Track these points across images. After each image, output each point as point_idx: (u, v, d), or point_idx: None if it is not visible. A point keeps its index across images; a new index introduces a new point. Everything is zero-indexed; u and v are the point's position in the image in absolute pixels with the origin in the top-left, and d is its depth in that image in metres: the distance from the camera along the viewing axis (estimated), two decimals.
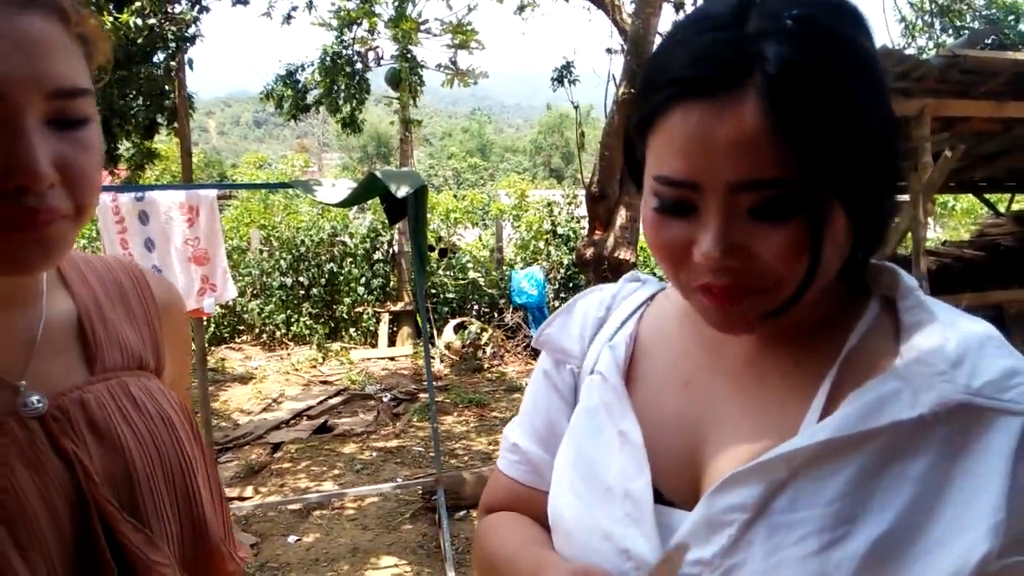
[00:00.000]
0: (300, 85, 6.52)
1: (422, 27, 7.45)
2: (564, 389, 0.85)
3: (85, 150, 0.64)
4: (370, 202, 7.42)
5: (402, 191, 3.21)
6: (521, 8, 7.11)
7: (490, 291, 9.77)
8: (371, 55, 7.26)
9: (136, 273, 0.87)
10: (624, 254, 4.98)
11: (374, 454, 5.97)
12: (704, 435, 0.71)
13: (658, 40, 4.83)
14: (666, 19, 5.51)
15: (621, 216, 4.98)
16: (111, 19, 3.67)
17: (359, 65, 6.88)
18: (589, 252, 5.05)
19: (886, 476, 0.60)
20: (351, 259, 9.81)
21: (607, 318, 0.85)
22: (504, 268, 10.17)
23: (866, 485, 0.60)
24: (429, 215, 4.87)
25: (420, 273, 3.67)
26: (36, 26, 0.60)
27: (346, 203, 3.45)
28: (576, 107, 4.89)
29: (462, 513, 4.63)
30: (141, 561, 0.72)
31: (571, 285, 9.58)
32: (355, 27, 6.70)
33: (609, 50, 4.90)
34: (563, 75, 5.02)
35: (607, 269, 5.03)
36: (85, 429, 0.72)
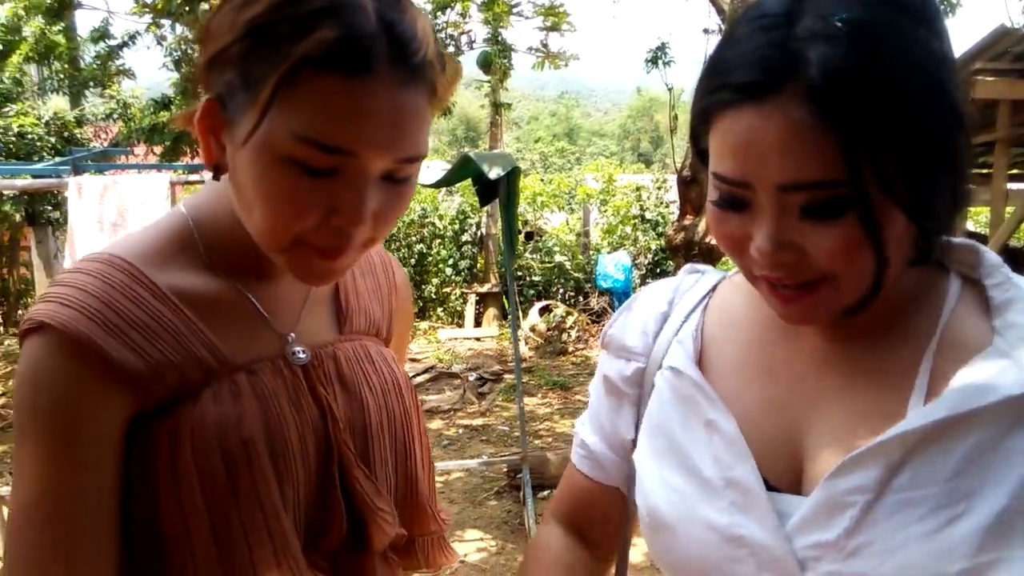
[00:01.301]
0: None
1: (514, 10, 7.45)
2: (628, 387, 0.86)
3: (400, 201, 0.70)
4: (459, 184, 7.51)
5: (495, 172, 3.25)
6: None
7: (576, 275, 9.75)
8: (463, 39, 7.32)
9: (383, 254, 0.97)
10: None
11: (460, 431, 6.08)
12: (798, 420, 0.71)
13: None
14: None
15: None
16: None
17: (452, 49, 6.95)
18: (679, 237, 4.97)
19: (1001, 451, 0.59)
20: (439, 240, 9.97)
21: (670, 312, 0.85)
22: (590, 252, 10.13)
23: (982, 461, 0.60)
24: None
25: (510, 254, 3.71)
26: (410, 100, 0.65)
27: (440, 184, 3.51)
28: (670, 89, 4.80)
29: (546, 492, 4.67)
30: (367, 506, 0.79)
31: (658, 271, 9.46)
32: (448, 11, 6.77)
33: (706, 30, 4.79)
34: (657, 56, 4.93)
35: (698, 254, 4.95)
36: (335, 380, 0.81)
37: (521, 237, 9.92)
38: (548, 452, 5.00)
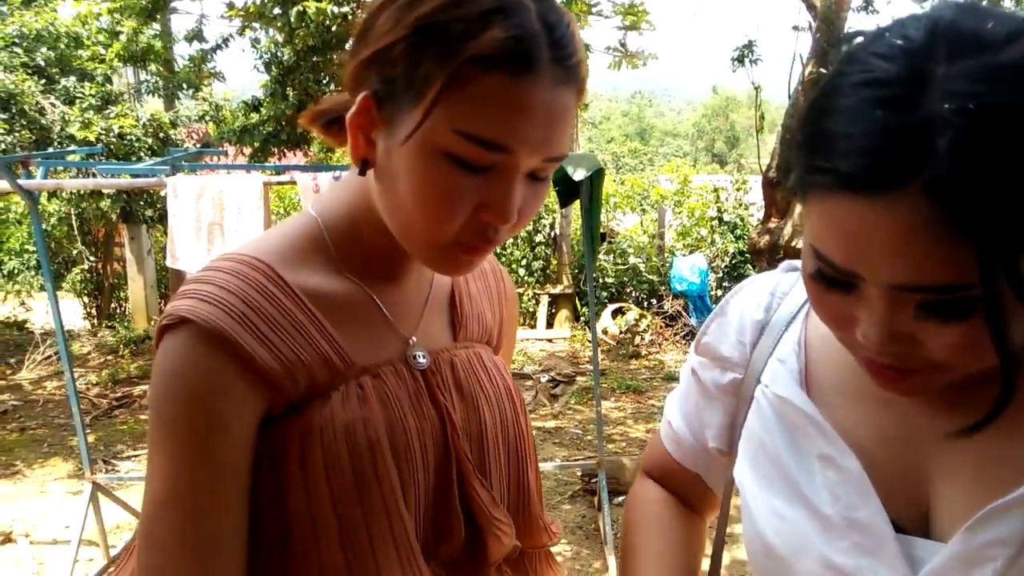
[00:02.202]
0: None
1: (593, 9, 7.38)
2: (722, 395, 0.83)
3: (537, 200, 0.72)
4: None
5: (579, 174, 3.21)
6: None
7: (650, 277, 9.61)
8: None
9: (494, 262, 0.97)
10: (802, 243, 4.73)
11: (533, 432, 6.07)
12: (924, 459, 0.66)
13: (851, 18, 4.53)
14: None
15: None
16: (314, 4, 3.90)
17: None
18: (763, 240, 4.84)
19: None
20: (513, 240, 9.99)
21: (768, 320, 0.80)
22: (665, 255, 9.97)
23: None
24: None
25: (591, 258, 3.67)
26: (565, 100, 0.67)
27: None
28: (757, 88, 4.68)
29: (621, 498, 4.61)
30: (485, 516, 0.79)
31: (736, 274, 9.23)
32: None
33: (796, 27, 4.65)
34: (744, 55, 4.81)
35: (783, 259, 4.80)
36: (452, 386, 0.81)
37: None
38: (624, 458, 4.94)
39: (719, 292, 9.47)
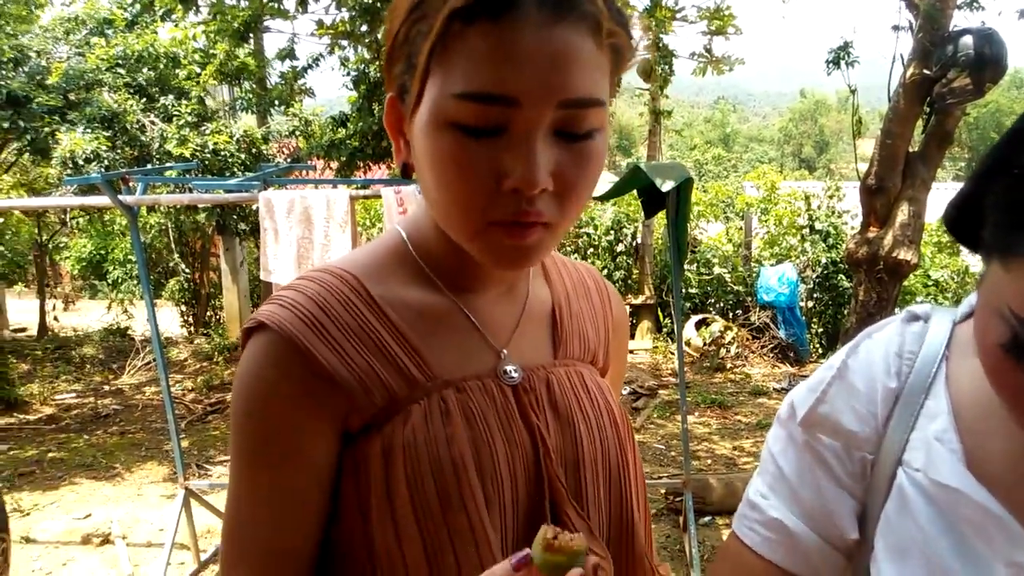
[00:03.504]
0: None
1: (678, 15, 7.24)
2: (846, 477, 0.69)
3: (583, 162, 0.64)
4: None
5: (667, 185, 3.12)
6: None
7: (736, 288, 9.33)
8: None
9: (600, 280, 0.92)
10: (904, 254, 4.48)
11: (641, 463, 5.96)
12: None
13: (956, 15, 4.26)
14: None
15: (903, 212, 4.48)
16: None
17: None
18: (862, 251, 4.60)
19: None
20: (594, 250, 9.89)
21: (902, 388, 0.68)
22: (751, 264, 9.67)
23: None
24: None
25: (678, 269, 3.55)
26: (564, 38, 0.60)
27: (608, 196, 3.42)
28: (853, 91, 4.46)
29: (707, 519, 4.46)
30: None
31: (828, 284, 8.86)
32: None
33: (896, 27, 4.41)
34: (839, 56, 4.60)
35: (883, 270, 4.56)
36: (547, 406, 0.76)
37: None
38: (710, 476, 4.78)
39: (810, 303, 9.12)
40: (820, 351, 8.97)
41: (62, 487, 5.19)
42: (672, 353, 8.99)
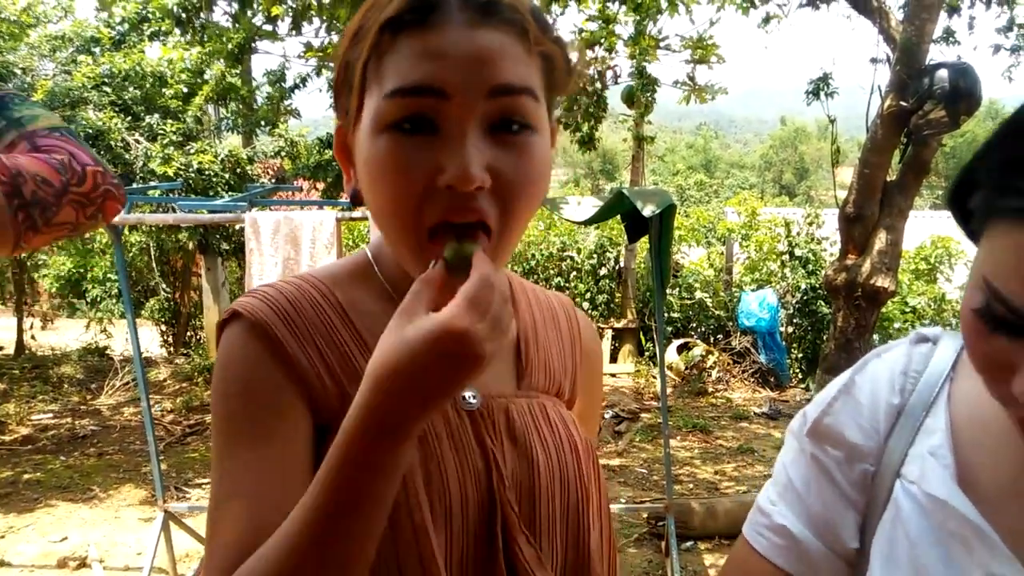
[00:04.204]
0: None
1: (661, 44, 7.36)
2: (849, 487, 0.73)
3: (521, 158, 0.64)
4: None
5: (648, 210, 3.16)
6: (766, 20, 6.79)
7: (717, 312, 9.41)
8: (609, 74, 7.31)
9: (570, 310, 0.91)
10: (882, 281, 4.55)
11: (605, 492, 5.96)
12: None
13: (932, 49, 4.38)
14: (941, 25, 4.98)
15: (880, 239, 4.56)
16: None
17: (598, 84, 6.94)
18: (840, 278, 4.67)
19: None
20: (577, 274, 9.94)
21: (904, 404, 0.71)
22: (732, 289, 9.76)
23: None
24: None
25: (661, 294, 3.59)
26: (490, 37, 0.63)
27: (592, 221, 3.47)
28: (832, 121, 4.55)
29: (689, 544, 4.46)
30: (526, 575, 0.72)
31: (808, 310, 8.96)
32: (596, 47, 6.78)
33: (874, 60, 4.52)
34: (819, 87, 4.70)
35: (861, 297, 4.63)
36: (504, 434, 0.76)
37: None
38: (692, 501, 4.79)
39: (790, 329, 9.20)
40: (800, 376, 9.05)
41: (38, 509, 5.10)
42: (654, 377, 9.03)
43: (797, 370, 9.11)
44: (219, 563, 0.63)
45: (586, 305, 9.77)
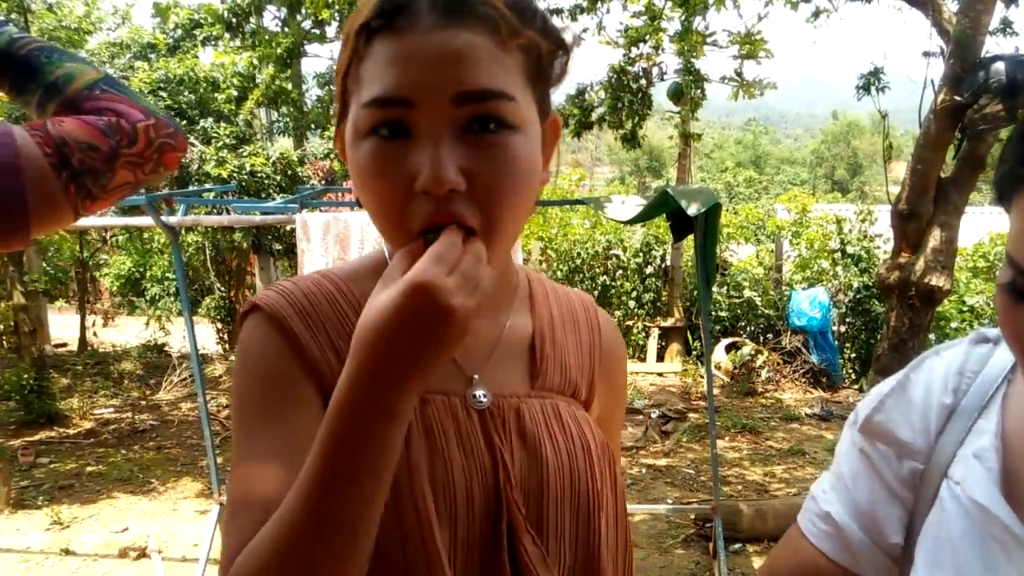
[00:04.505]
0: (585, 103, 6.71)
1: (708, 39, 7.28)
2: (897, 483, 0.73)
3: (498, 158, 0.64)
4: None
5: (693, 209, 3.15)
6: (816, 14, 6.65)
7: (766, 311, 9.26)
8: (655, 71, 7.25)
9: (591, 310, 0.90)
10: (937, 280, 4.43)
11: (643, 470, 5.94)
12: None
13: (988, 41, 4.24)
14: (997, 16, 4.82)
15: (934, 237, 4.44)
16: None
17: (643, 81, 6.90)
18: (893, 276, 4.56)
19: None
20: (623, 272, 9.90)
21: (957, 404, 0.70)
22: (782, 288, 9.59)
23: None
24: None
25: (707, 294, 3.57)
26: (456, 38, 0.63)
27: (636, 220, 3.46)
28: (884, 116, 4.45)
29: (737, 546, 4.42)
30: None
31: (861, 309, 8.76)
32: (641, 44, 6.74)
33: (927, 53, 4.40)
34: (870, 82, 4.60)
35: (915, 296, 4.52)
36: (514, 434, 0.76)
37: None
38: (740, 502, 4.74)
39: (842, 328, 9.01)
40: (853, 376, 8.85)
41: (100, 501, 5.31)
42: (702, 376, 8.94)
43: (850, 370, 8.92)
44: (234, 545, 0.64)
45: (632, 303, 9.72)
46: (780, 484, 5.65)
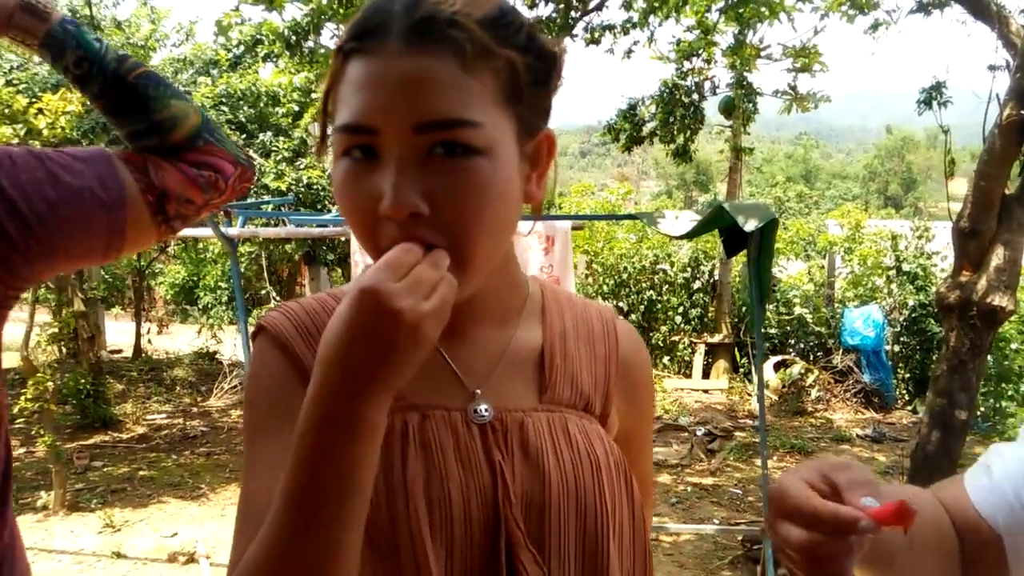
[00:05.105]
0: (636, 118, 6.69)
1: (762, 53, 7.19)
2: None
3: (461, 184, 0.64)
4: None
5: (750, 225, 3.10)
6: (875, 27, 6.52)
7: (817, 329, 9.06)
8: (707, 84, 7.20)
9: (609, 321, 0.87)
10: (1000, 300, 4.28)
11: (688, 488, 5.84)
12: None
13: None
14: None
15: (998, 256, 4.29)
16: None
17: (695, 95, 6.84)
18: (953, 296, 4.42)
19: None
20: (670, 287, 9.80)
21: None
22: (835, 305, 9.38)
23: None
24: None
25: (760, 311, 3.51)
26: (420, 65, 0.62)
27: (691, 235, 3.42)
28: (946, 131, 4.33)
29: (784, 571, 4.31)
30: None
31: (916, 328, 8.51)
32: (694, 58, 6.69)
33: (992, 67, 4.27)
34: (932, 96, 4.49)
35: (976, 316, 4.37)
36: (516, 448, 0.74)
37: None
38: None
39: (896, 348, 8.76)
40: (907, 397, 8.60)
41: (151, 505, 5.42)
42: (749, 394, 8.78)
43: (903, 391, 8.66)
44: (235, 555, 0.66)
45: (679, 319, 9.61)
46: None
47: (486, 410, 0.75)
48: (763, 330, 9.31)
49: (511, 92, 0.67)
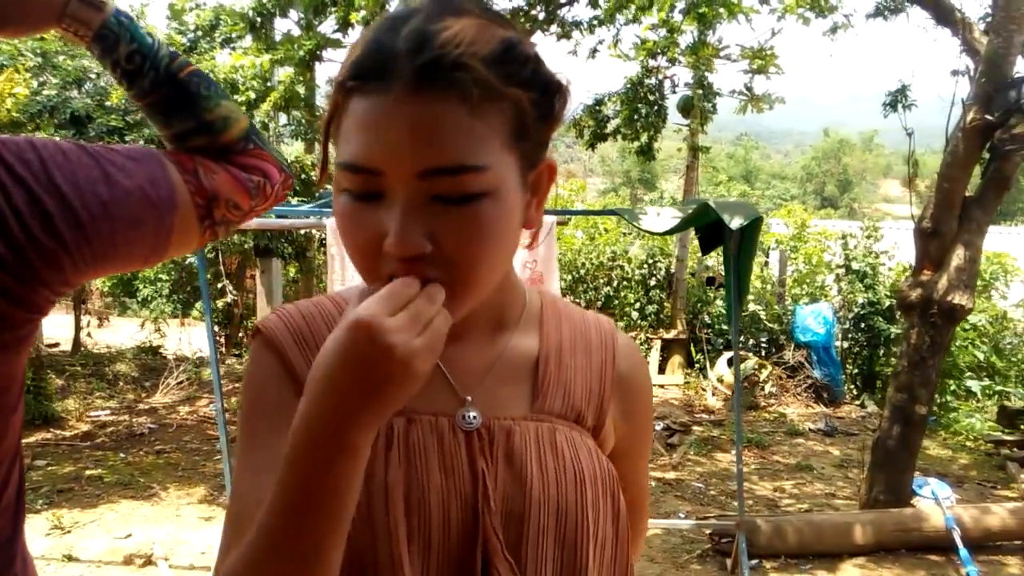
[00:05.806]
0: (600, 115, 6.70)
1: (721, 53, 7.30)
2: None
3: (466, 226, 0.63)
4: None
5: (736, 222, 3.12)
6: (834, 29, 6.69)
7: (770, 325, 9.25)
8: (667, 83, 7.27)
9: (608, 335, 0.87)
10: (959, 298, 4.43)
11: (652, 483, 5.89)
12: None
13: (1020, 61, 4.26)
14: None
15: (958, 255, 4.44)
16: None
17: (658, 94, 6.90)
18: (915, 294, 4.56)
19: None
20: (627, 283, 9.87)
21: None
22: (786, 302, 9.60)
23: None
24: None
25: (737, 306, 3.54)
26: (426, 109, 0.61)
27: (672, 231, 3.43)
28: (910, 134, 4.46)
29: (754, 562, 4.37)
30: None
31: (864, 325, 8.77)
32: (658, 57, 6.74)
33: (955, 72, 4.42)
34: (897, 100, 4.61)
35: (936, 314, 4.52)
36: (501, 455, 0.74)
37: (711, 285, 9.61)
38: (757, 518, 4.69)
39: (845, 344, 9.02)
40: (855, 392, 8.86)
41: (101, 505, 5.19)
42: (704, 389, 8.93)
43: (852, 386, 8.93)
44: (221, 557, 0.68)
45: (635, 315, 9.69)
46: (790, 500, 5.62)
47: (474, 417, 0.75)
48: (717, 326, 9.48)
49: (518, 131, 0.66)
